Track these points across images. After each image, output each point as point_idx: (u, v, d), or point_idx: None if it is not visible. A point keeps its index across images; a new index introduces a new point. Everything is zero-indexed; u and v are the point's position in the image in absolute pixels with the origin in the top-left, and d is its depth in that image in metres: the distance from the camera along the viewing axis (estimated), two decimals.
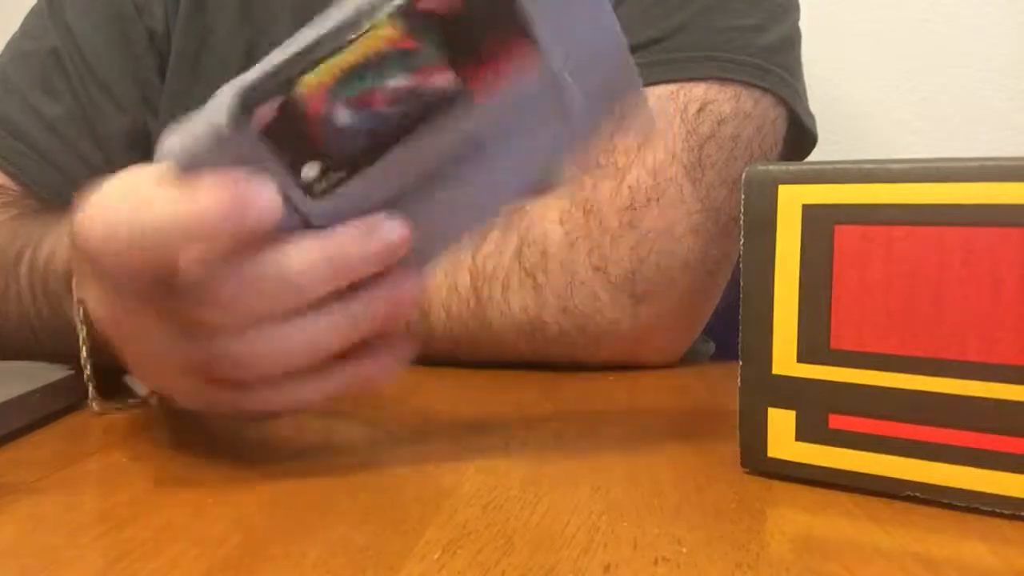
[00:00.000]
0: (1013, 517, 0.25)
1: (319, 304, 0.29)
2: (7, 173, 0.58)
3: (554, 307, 0.48)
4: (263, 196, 0.27)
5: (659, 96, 0.49)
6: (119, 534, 0.25)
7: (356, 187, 0.28)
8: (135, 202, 0.27)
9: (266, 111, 0.26)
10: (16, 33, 0.63)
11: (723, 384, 0.44)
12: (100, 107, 0.60)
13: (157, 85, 0.61)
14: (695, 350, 0.57)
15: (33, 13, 0.63)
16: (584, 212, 0.48)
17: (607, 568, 0.22)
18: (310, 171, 0.27)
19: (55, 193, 0.58)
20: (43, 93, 0.60)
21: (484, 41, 0.27)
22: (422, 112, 0.27)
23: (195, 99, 0.27)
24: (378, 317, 0.29)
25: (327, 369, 0.30)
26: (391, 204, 0.28)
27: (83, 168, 0.59)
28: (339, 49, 0.27)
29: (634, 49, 0.50)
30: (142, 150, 0.61)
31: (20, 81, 0.60)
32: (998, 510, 0.25)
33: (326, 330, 0.29)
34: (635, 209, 0.47)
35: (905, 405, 0.26)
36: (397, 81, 0.27)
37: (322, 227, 0.28)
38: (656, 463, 0.31)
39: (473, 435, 0.35)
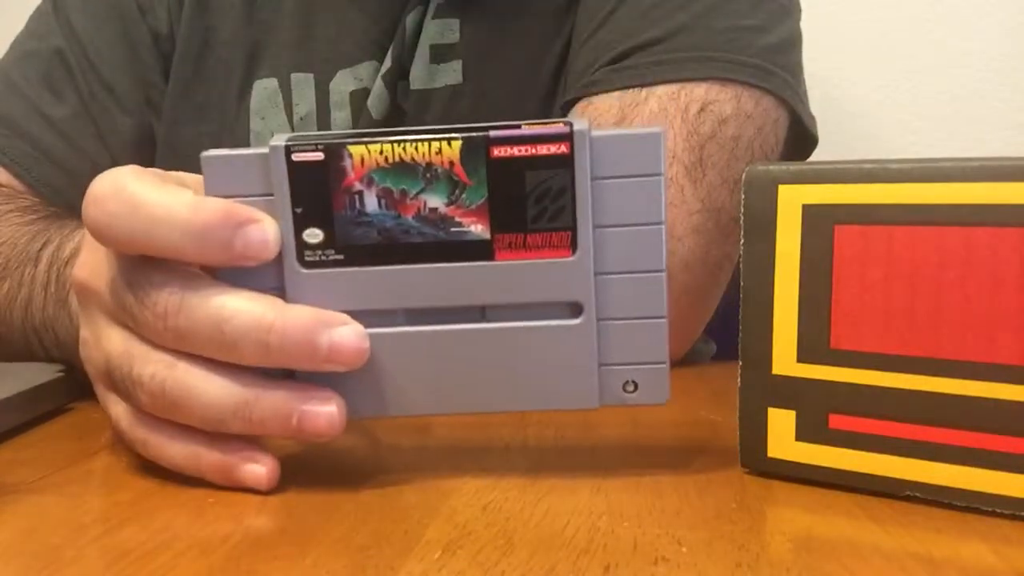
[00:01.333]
0: (1013, 517, 0.25)
1: (241, 372, 0.27)
2: (11, 172, 0.58)
3: None
4: (265, 229, 0.26)
5: (660, 96, 0.49)
6: (119, 534, 0.25)
7: (344, 279, 0.27)
8: (151, 180, 0.27)
9: (307, 154, 0.26)
10: (21, 33, 0.63)
11: (723, 384, 0.44)
12: (104, 107, 0.60)
13: (160, 86, 0.61)
14: (696, 350, 0.57)
15: (38, 13, 0.63)
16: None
17: (607, 568, 0.22)
18: (312, 237, 0.27)
19: (59, 193, 0.58)
20: (47, 93, 0.60)
21: (529, 216, 0.27)
22: (440, 245, 0.27)
23: (198, 100, 0.27)
24: (283, 425, 0.27)
25: (218, 442, 0.28)
26: (366, 322, 0.27)
27: (87, 168, 0.59)
28: (400, 140, 0.27)
29: (635, 50, 0.51)
30: (147, 151, 0.61)
31: (24, 81, 0.60)
32: (998, 510, 0.25)
33: (232, 404, 0.27)
34: None
35: (905, 405, 0.26)
36: (435, 202, 0.27)
37: (288, 297, 0.27)
38: (656, 463, 0.31)
39: (473, 435, 0.35)
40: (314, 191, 0.27)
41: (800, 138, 0.54)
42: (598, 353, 0.28)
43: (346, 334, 0.27)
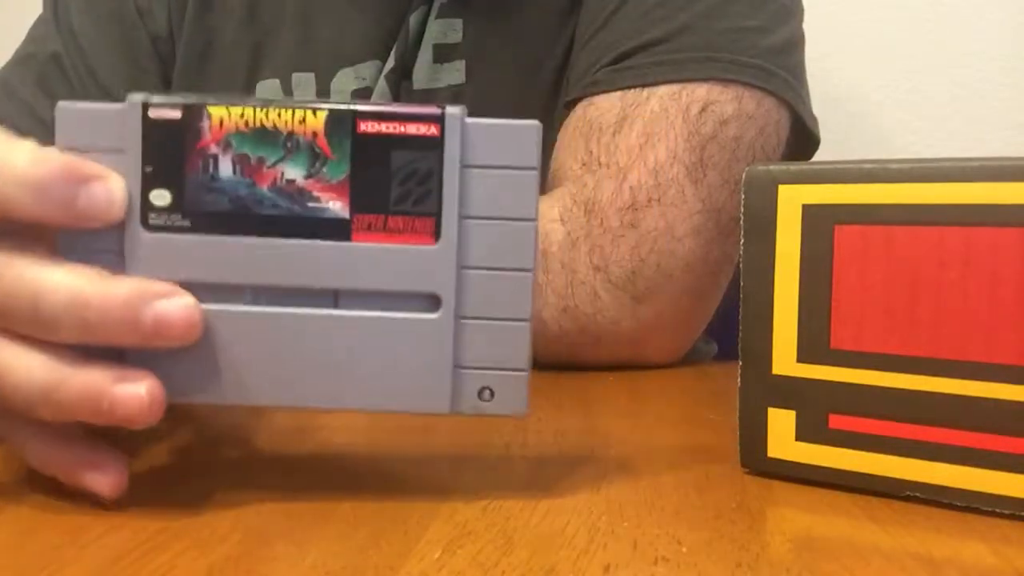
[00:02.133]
0: (1013, 517, 0.25)
1: (58, 351, 0.25)
2: None
3: (554, 307, 0.48)
4: (110, 188, 0.25)
5: (661, 96, 0.49)
6: (119, 534, 0.25)
7: (189, 246, 0.25)
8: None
9: (164, 112, 0.25)
10: (24, 39, 0.63)
11: (723, 384, 0.44)
12: None
13: (159, 89, 0.61)
14: (697, 350, 0.57)
15: (39, 20, 0.64)
16: (585, 212, 0.48)
17: (607, 568, 0.22)
18: (159, 199, 0.25)
19: None
20: (42, 94, 0.60)
21: (392, 197, 0.25)
22: (295, 221, 0.25)
23: None
24: (93, 410, 0.25)
25: (67, 442, 0.26)
26: (209, 297, 0.25)
27: None
28: (263, 107, 0.25)
29: (637, 50, 0.51)
30: None
31: (21, 86, 0.61)
32: (998, 510, 0.25)
33: (40, 386, 0.24)
34: (636, 209, 0.47)
35: (905, 405, 0.26)
36: (293, 173, 0.25)
37: (127, 264, 0.25)
38: (656, 463, 0.31)
39: (473, 435, 0.35)
40: (167, 151, 0.25)
41: (802, 139, 0.54)
42: (454, 353, 0.26)
43: (173, 307, 0.24)
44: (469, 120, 0.26)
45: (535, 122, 0.26)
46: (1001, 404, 0.25)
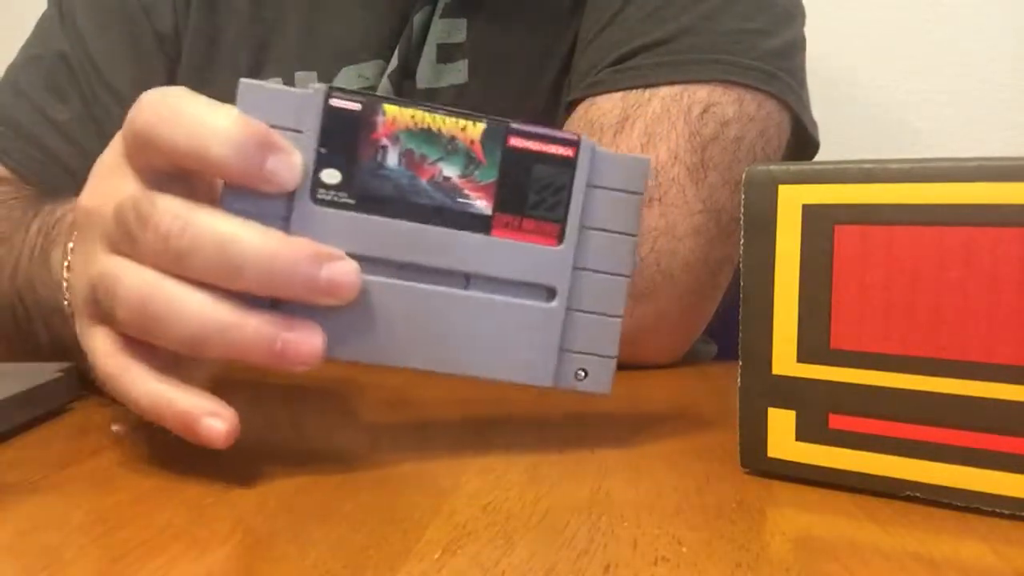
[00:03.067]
0: (1013, 517, 0.25)
1: (226, 295, 0.27)
2: (17, 175, 0.59)
3: None
4: (294, 161, 0.27)
5: (663, 97, 0.49)
6: (119, 534, 0.25)
7: (350, 222, 0.29)
8: (199, 95, 0.28)
9: (345, 102, 0.28)
10: (28, 38, 0.63)
11: (723, 384, 0.44)
12: (108, 109, 0.60)
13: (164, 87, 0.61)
14: (697, 351, 0.57)
15: (44, 18, 0.64)
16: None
17: (607, 568, 0.22)
18: (330, 177, 0.28)
19: (63, 194, 0.58)
20: (51, 96, 0.60)
21: (528, 202, 0.30)
22: (445, 211, 0.29)
23: None
24: (266, 349, 0.27)
25: (185, 389, 0.28)
26: (361, 268, 0.28)
27: (91, 169, 0.59)
28: (431, 110, 0.29)
29: (639, 51, 0.51)
30: None
31: (29, 85, 0.61)
32: (998, 510, 0.25)
33: (217, 323, 0.27)
34: None
35: (905, 405, 0.26)
36: (450, 171, 0.29)
37: (292, 230, 0.28)
38: (656, 463, 0.31)
39: (473, 435, 0.35)
40: (342, 136, 0.28)
41: (802, 142, 0.54)
42: (561, 338, 0.31)
43: (345, 269, 0.27)
44: (599, 148, 0.30)
45: (648, 157, 0.31)
46: (1001, 404, 0.25)
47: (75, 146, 0.60)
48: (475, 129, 0.29)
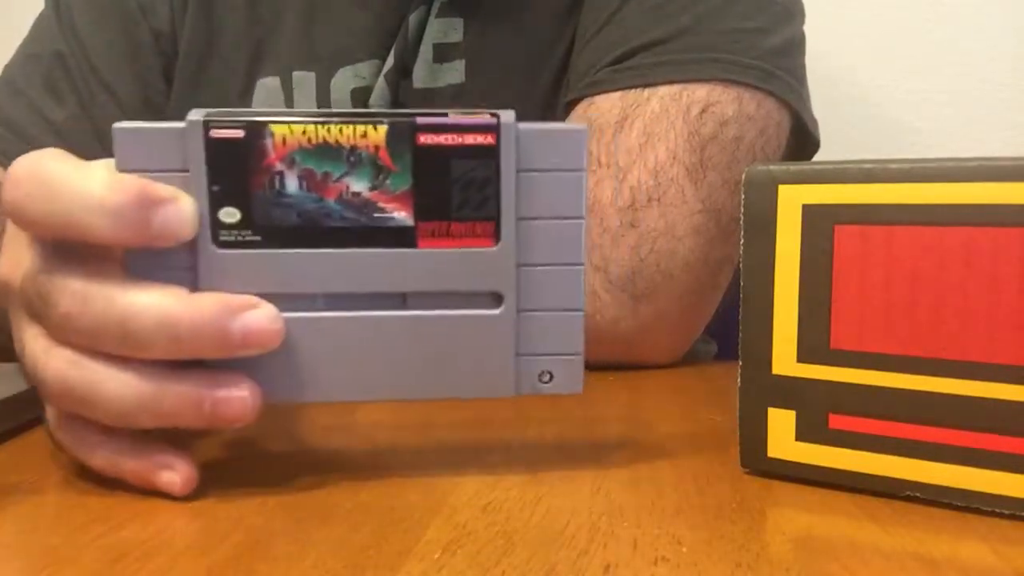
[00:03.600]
0: (1013, 517, 0.25)
1: (148, 364, 0.26)
2: None
3: None
4: (182, 209, 0.25)
5: (662, 97, 0.49)
6: (119, 534, 0.25)
7: (260, 261, 0.26)
8: (70, 161, 0.26)
9: (226, 131, 0.26)
10: (25, 37, 0.63)
11: (723, 384, 0.44)
12: (104, 109, 0.60)
13: (160, 86, 0.61)
14: (697, 350, 0.57)
15: (41, 17, 0.64)
16: (585, 211, 0.48)
17: (607, 568, 0.22)
18: (228, 216, 0.26)
19: None
20: (48, 95, 0.60)
21: (453, 204, 0.27)
22: (362, 231, 0.27)
23: (202, 100, 0.27)
24: (195, 413, 0.26)
25: (137, 446, 0.28)
26: (283, 306, 0.26)
27: None
28: (324, 123, 0.26)
29: (638, 50, 0.51)
30: None
31: (26, 84, 0.61)
32: (998, 510, 0.25)
33: (138, 397, 0.26)
34: (636, 209, 0.47)
35: (905, 405, 0.26)
36: (358, 185, 0.26)
37: (201, 281, 0.26)
38: (656, 463, 0.31)
39: (473, 435, 0.35)
40: (232, 169, 0.26)
41: (802, 141, 0.54)
42: (516, 343, 0.28)
43: (258, 317, 0.26)
44: (521, 126, 0.27)
45: (583, 126, 0.28)
46: (1001, 404, 0.25)
47: (71, 146, 0.59)
48: (377, 133, 0.26)
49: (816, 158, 0.56)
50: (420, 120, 0.26)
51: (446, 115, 0.27)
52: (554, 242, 0.28)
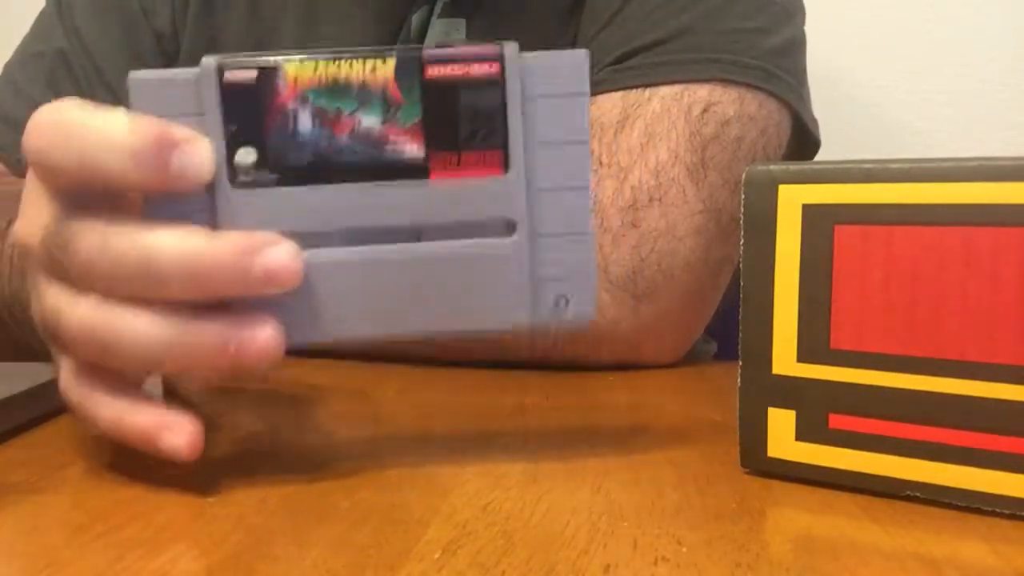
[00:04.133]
0: (1013, 517, 0.25)
1: (173, 307, 0.26)
2: (17, 173, 0.59)
3: None
4: (200, 150, 0.26)
5: (663, 97, 0.49)
6: (119, 534, 0.25)
7: (277, 199, 0.27)
8: (89, 106, 0.27)
9: (239, 74, 0.26)
10: (27, 35, 0.63)
11: (723, 384, 0.44)
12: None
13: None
14: (697, 350, 0.57)
15: (43, 15, 0.64)
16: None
17: (607, 568, 0.22)
18: (245, 157, 0.27)
19: None
20: (51, 94, 0.60)
21: (462, 135, 0.27)
22: (375, 166, 0.27)
23: None
24: (221, 355, 0.26)
25: (142, 406, 0.28)
26: (300, 244, 0.26)
27: None
28: (334, 59, 0.27)
29: (640, 51, 0.51)
30: None
31: (29, 83, 0.61)
32: (998, 510, 0.25)
33: (165, 339, 0.26)
34: (637, 209, 0.47)
35: (905, 405, 0.26)
36: (369, 120, 0.27)
37: (219, 221, 0.26)
38: (656, 463, 0.31)
39: (473, 435, 0.35)
40: (247, 111, 0.26)
41: (803, 142, 0.54)
42: (531, 270, 0.28)
43: (279, 254, 0.26)
44: (527, 55, 0.28)
45: (583, 50, 0.28)
46: (1001, 404, 0.25)
47: None
48: (386, 67, 0.27)
49: (816, 158, 0.56)
50: (427, 52, 0.27)
51: (451, 46, 0.27)
52: (561, 166, 0.28)
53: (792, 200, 0.28)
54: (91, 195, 0.27)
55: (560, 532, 0.25)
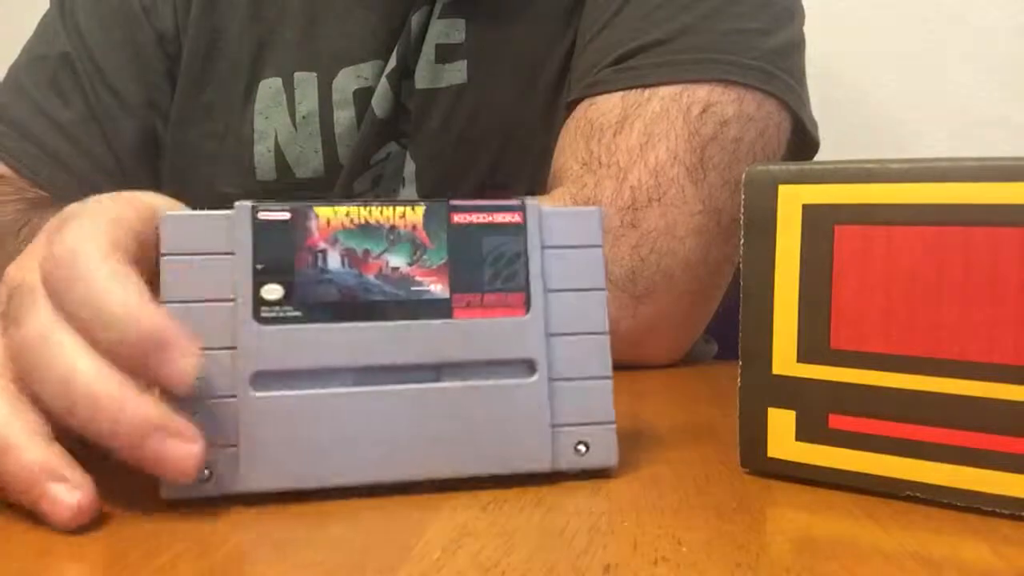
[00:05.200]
0: (1013, 517, 0.25)
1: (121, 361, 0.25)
2: (21, 175, 0.59)
3: None
4: (185, 368, 0.25)
5: (663, 97, 0.49)
6: (119, 534, 0.25)
7: (301, 337, 0.27)
8: (112, 263, 0.26)
9: (273, 213, 0.27)
10: (31, 38, 0.64)
11: (724, 384, 0.44)
12: (110, 110, 0.60)
13: (164, 88, 0.62)
14: (697, 350, 0.57)
15: (46, 18, 0.64)
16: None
17: (607, 568, 0.22)
18: (270, 293, 0.27)
19: (65, 193, 0.58)
20: (55, 96, 0.61)
21: (486, 279, 0.29)
22: (400, 305, 0.28)
23: (205, 100, 0.27)
24: (129, 434, 0.24)
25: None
26: (319, 382, 0.27)
27: (95, 170, 0.59)
28: (365, 205, 0.28)
29: (639, 51, 0.51)
30: (151, 153, 0.61)
31: (32, 85, 0.61)
32: (998, 510, 0.25)
33: (88, 384, 0.24)
34: (637, 209, 0.47)
35: (905, 405, 0.26)
36: (397, 261, 0.28)
37: (240, 353, 0.27)
38: (656, 463, 0.31)
39: None
40: (277, 248, 0.27)
41: (802, 142, 0.54)
42: (551, 414, 0.29)
43: (183, 452, 0.24)
44: (544, 208, 0.29)
45: (596, 208, 0.30)
46: (1001, 404, 0.25)
47: (77, 147, 0.60)
48: (415, 214, 0.28)
49: (816, 158, 0.56)
50: (454, 201, 0.29)
51: (476, 199, 0.29)
52: (579, 312, 0.29)
53: (792, 200, 0.28)
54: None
55: (560, 532, 0.25)
